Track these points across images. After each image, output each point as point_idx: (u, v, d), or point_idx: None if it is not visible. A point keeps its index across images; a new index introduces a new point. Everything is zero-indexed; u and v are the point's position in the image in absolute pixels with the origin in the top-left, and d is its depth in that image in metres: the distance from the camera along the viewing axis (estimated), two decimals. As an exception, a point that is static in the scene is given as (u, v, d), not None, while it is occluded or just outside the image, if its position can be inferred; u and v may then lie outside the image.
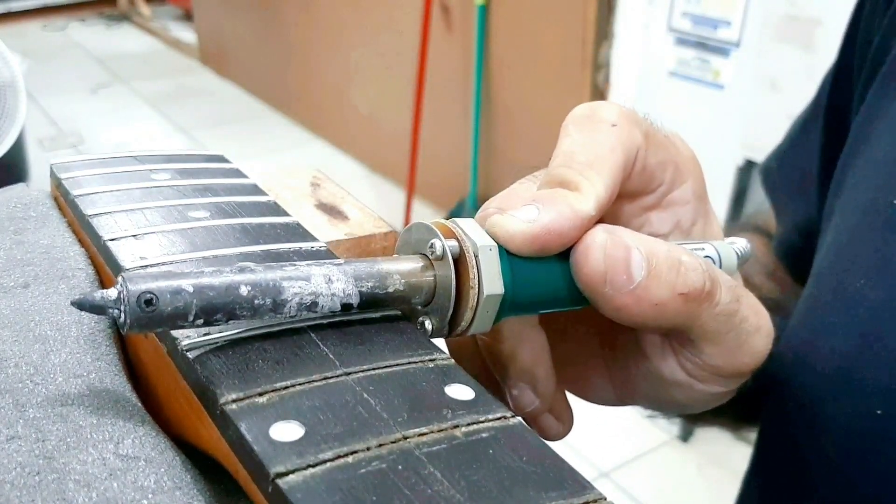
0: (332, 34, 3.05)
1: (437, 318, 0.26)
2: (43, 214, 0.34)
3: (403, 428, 0.21)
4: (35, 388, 0.23)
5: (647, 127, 0.29)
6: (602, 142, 0.28)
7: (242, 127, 3.41)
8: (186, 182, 0.34)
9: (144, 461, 0.22)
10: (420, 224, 0.27)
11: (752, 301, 0.30)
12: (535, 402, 0.30)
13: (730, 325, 0.28)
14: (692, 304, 0.27)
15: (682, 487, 1.65)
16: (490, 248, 0.25)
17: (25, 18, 4.58)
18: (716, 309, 0.27)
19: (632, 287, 0.25)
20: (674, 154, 0.30)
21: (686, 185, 0.31)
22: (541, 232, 0.25)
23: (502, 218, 0.26)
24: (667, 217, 0.31)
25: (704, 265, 0.27)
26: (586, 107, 0.30)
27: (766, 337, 0.30)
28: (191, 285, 0.22)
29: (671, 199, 0.31)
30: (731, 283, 0.28)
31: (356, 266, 0.25)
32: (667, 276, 0.26)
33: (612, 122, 0.28)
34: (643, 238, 0.26)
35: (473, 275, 0.25)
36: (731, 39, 1.45)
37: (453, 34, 2.45)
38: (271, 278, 0.23)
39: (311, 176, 0.43)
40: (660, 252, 0.26)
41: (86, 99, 3.59)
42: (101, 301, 0.22)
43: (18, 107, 1.10)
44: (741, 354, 0.29)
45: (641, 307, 0.26)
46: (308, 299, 0.24)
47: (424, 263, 0.26)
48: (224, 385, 0.22)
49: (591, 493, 0.19)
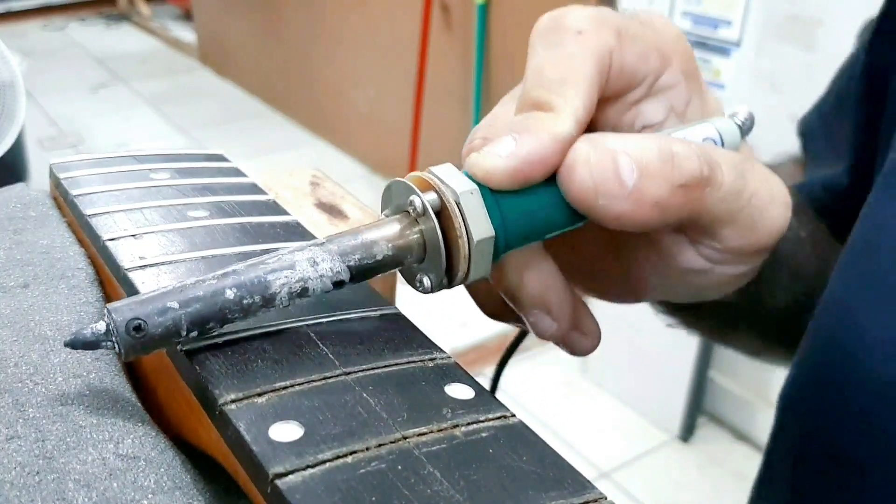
0: (332, 34, 3.05)
1: (434, 274, 0.26)
2: (42, 214, 0.34)
3: (403, 428, 0.21)
4: (35, 387, 0.23)
5: (618, 23, 0.28)
6: (571, 53, 0.27)
7: (242, 127, 3.41)
8: (186, 181, 0.34)
9: (144, 461, 0.22)
10: (397, 182, 0.26)
11: (761, 172, 0.28)
12: (553, 326, 0.29)
13: (740, 203, 0.27)
14: (694, 193, 0.25)
15: (682, 487, 1.65)
16: (471, 191, 0.24)
17: (25, 18, 4.58)
18: (720, 191, 0.26)
19: (627, 192, 0.24)
20: (654, 40, 0.29)
21: (672, 68, 0.29)
22: (520, 164, 0.25)
23: (479, 156, 0.25)
24: (658, 104, 0.29)
25: (698, 150, 0.26)
26: (549, 17, 0.28)
27: (781, 206, 0.29)
28: (176, 301, 0.22)
29: (659, 86, 0.29)
30: (733, 160, 0.27)
31: (340, 242, 0.25)
32: (661, 171, 0.25)
33: (578, 30, 0.27)
34: (628, 139, 0.25)
35: (459, 224, 0.24)
36: (731, 39, 1.45)
37: (453, 33, 2.45)
38: (255, 275, 0.23)
39: (311, 175, 0.43)
40: (649, 148, 0.25)
41: (86, 99, 3.59)
42: (92, 337, 0.22)
43: (18, 107, 1.09)
44: (759, 230, 0.28)
45: (642, 210, 0.25)
46: (297, 287, 0.24)
47: (409, 222, 0.25)
48: (223, 385, 0.22)
49: (591, 493, 0.19)
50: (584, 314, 0.30)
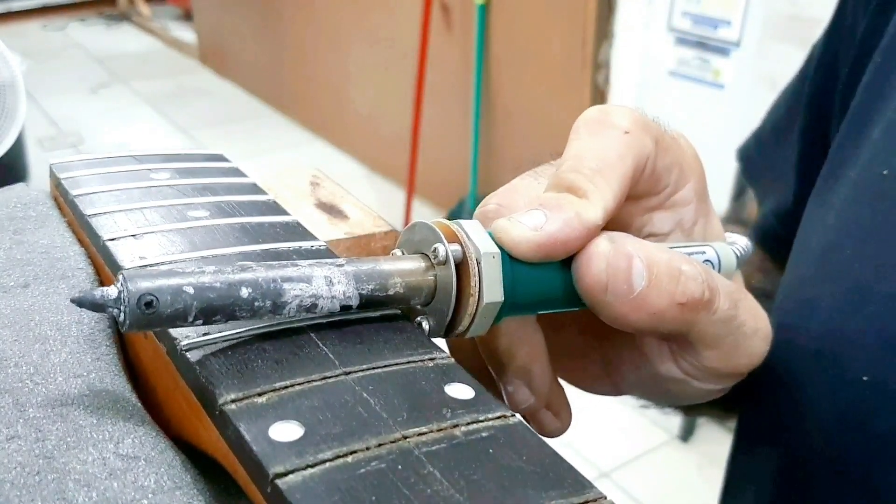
0: (331, 34, 3.05)
1: (435, 320, 0.26)
2: (42, 214, 0.34)
3: (403, 427, 0.21)
4: (35, 387, 0.23)
5: (657, 132, 0.29)
6: (613, 148, 0.28)
7: (242, 127, 3.41)
8: (186, 181, 0.34)
9: (144, 461, 0.22)
10: (423, 224, 0.27)
11: (751, 304, 0.30)
12: (530, 400, 0.30)
13: (727, 329, 0.28)
14: (690, 313, 0.27)
15: (682, 487, 1.65)
16: (493, 255, 0.25)
17: (25, 18, 4.58)
18: (714, 316, 0.28)
19: (632, 296, 0.26)
20: (679, 156, 0.30)
21: (689, 186, 0.31)
22: (547, 241, 0.25)
23: (508, 223, 0.26)
24: (669, 217, 0.31)
25: (704, 274, 0.27)
26: (598, 110, 0.29)
27: (763, 339, 0.30)
28: (191, 287, 0.22)
29: (674, 200, 0.31)
30: (730, 289, 0.29)
31: (357, 266, 0.25)
32: (667, 285, 0.26)
33: (625, 129, 0.28)
34: (645, 246, 0.27)
35: (475, 283, 0.25)
36: (731, 39, 1.45)
37: (453, 34, 2.45)
38: (272, 280, 0.23)
39: (311, 175, 0.43)
40: (661, 261, 0.26)
41: (86, 99, 3.59)
42: (100, 300, 0.22)
43: (18, 107, 1.09)
44: (738, 357, 0.30)
45: (639, 315, 0.26)
46: (308, 301, 0.24)
47: (426, 264, 0.26)
48: (223, 385, 0.22)
49: (591, 493, 0.19)
50: (559, 395, 0.32)
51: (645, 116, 0.29)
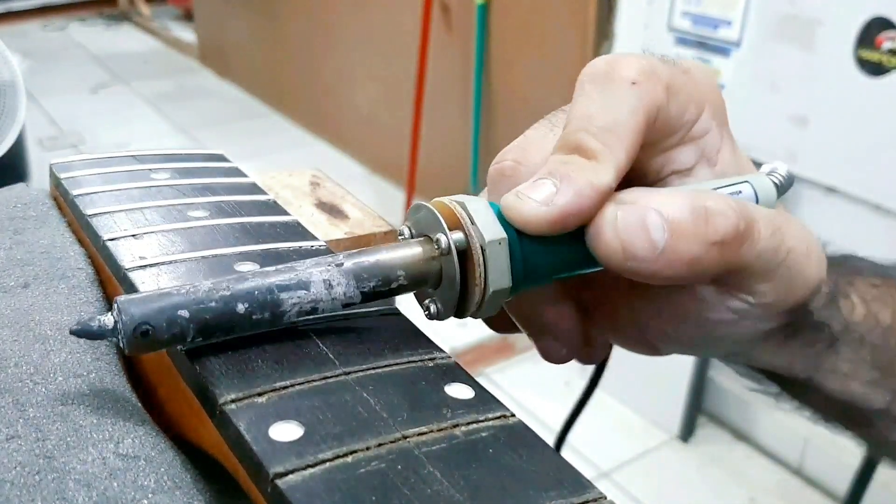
0: (332, 34, 3.05)
1: (443, 304, 0.26)
2: (43, 214, 0.34)
3: (403, 427, 0.21)
4: (35, 387, 0.23)
5: (667, 76, 0.27)
6: (622, 103, 0.26)
7: (242, 127, 3.41)
8: (186, 181, 0.34)
9: (144, 461, 0.22)
10: (426, 207, 0.26)
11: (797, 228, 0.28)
12: (562, 352, 0.29)
13: (777, 258, 0.26)
14: (730, 250, 0.25)
15: (682, 487, 1.65)
16: (499, 241, 0.24)
17: (25, 18, 4.58)
18: (757, 247, 0.25)
19: (658, 252, 0.24)
20: (692, 90, 0.29)
21: (705, 114, 0.29)
22: (559, 215, 0.24)
23: (517, 201, 0.25)
24: (690, 150, 0.29)
25: (735, 204, 0.25)
26: (604, 61, 0.27)
27: (818, 263, 0.28)
28: (186, 311, 0.22)
29: (693, 133, 0.29)
30: (769, 215, 0.26)
31: (357, 262, 0.25)
32: (694, 228, 0.24)
33: (633, 80, 0.26)
34: (657, 195, 0.25)
35: (479, 272, 0.24)
36: (731, 39, 1.45)
37: (453, 34, 2.45)
38: (269, 291, 0.23)
39: (311, 175, 0.43)
40: (680, 206, 0.24)
41: (86, 99, 3.59)
42: (98, 330, 0.22)
43: (18, 107, 1.09)
44: (795, 287, 0.27)
45: (674, 268, 0.24)
46: (308, 307, 0.24)
47: (430, 251, 0.25)
48: (223, 385, 0.22)
49: (591, 493, 0.19)
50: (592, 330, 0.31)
51: (653, 61, 0.28)
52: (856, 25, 1.24)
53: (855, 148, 1.30)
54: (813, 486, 1.56)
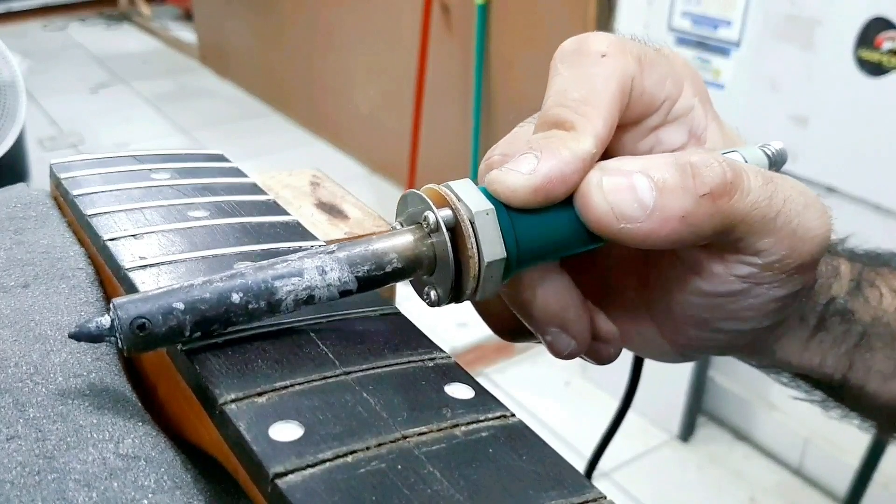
0: (332, 34, 3.05)
1: (442, 288, 0.26)
2: (43, 214, 0.34)
3: (403, 427, 0.21)
4: (35, 387, 0.23)
5: (638, 50, 0.28)
6: (594, 74, 0.27)
7: (242, 127, 3.41)
8: (186, 181, 0.34)
9: (144, 461, 0.22)
10: (413, 194, 0.26)
11: (790, 181, 0.27)
12: (571, 344, 0.28)
13: (772, 206, 0.26)
14: (721, 201, 0.24)
15: (682, 487, 1.65)
16: (486, 212, 0.24)
17: (25, 18, 4.58)
18: (749, 196, 0.25)
19: (648, 211, 0.24)
20: (667, 67, 0.29)
21: (686, 92, 0.29)
22: (543, 182, 0.24)
23: (501, 174, 0.25)
24: (677, 129, 0.29)
25: (719, 157, 0.25)
26: (574, 41, 0.28)
27: (820, 214, 0.27)
28: (181, 302, 0.22)
29: (676, 111, 0.29)
30: (759, 169, 0.26)
31: (350, 251, 0.25)
32: (681, 184, 0.24)
33: (602, 53, 0.27)
34: (642, 158, 0.25)
35: (471, 244, 0.24)
36: (731, 39, 1.45)
37: (453, 34, 2.45)
38: (262, 280, 0.23)
39: (311, 175, 0.43)
40: (664, 164, 0.25)
41: (86, 99, 3.59)
42: (96, 331, 0.22)
43: (18, 107, 1.09)
44: (800, 238, 0.26)
45: (669, 226, 0.24)
46: (303, 294, 0.24)
47: (421, 235, 0.25)
48: (223, 385, 0.22)
49: (591, 492, 0.19)
50: (601, 321, 0.30)
51: (622, 38, 0.28)
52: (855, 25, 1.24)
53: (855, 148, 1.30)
54: (813, 486, 1.56)
